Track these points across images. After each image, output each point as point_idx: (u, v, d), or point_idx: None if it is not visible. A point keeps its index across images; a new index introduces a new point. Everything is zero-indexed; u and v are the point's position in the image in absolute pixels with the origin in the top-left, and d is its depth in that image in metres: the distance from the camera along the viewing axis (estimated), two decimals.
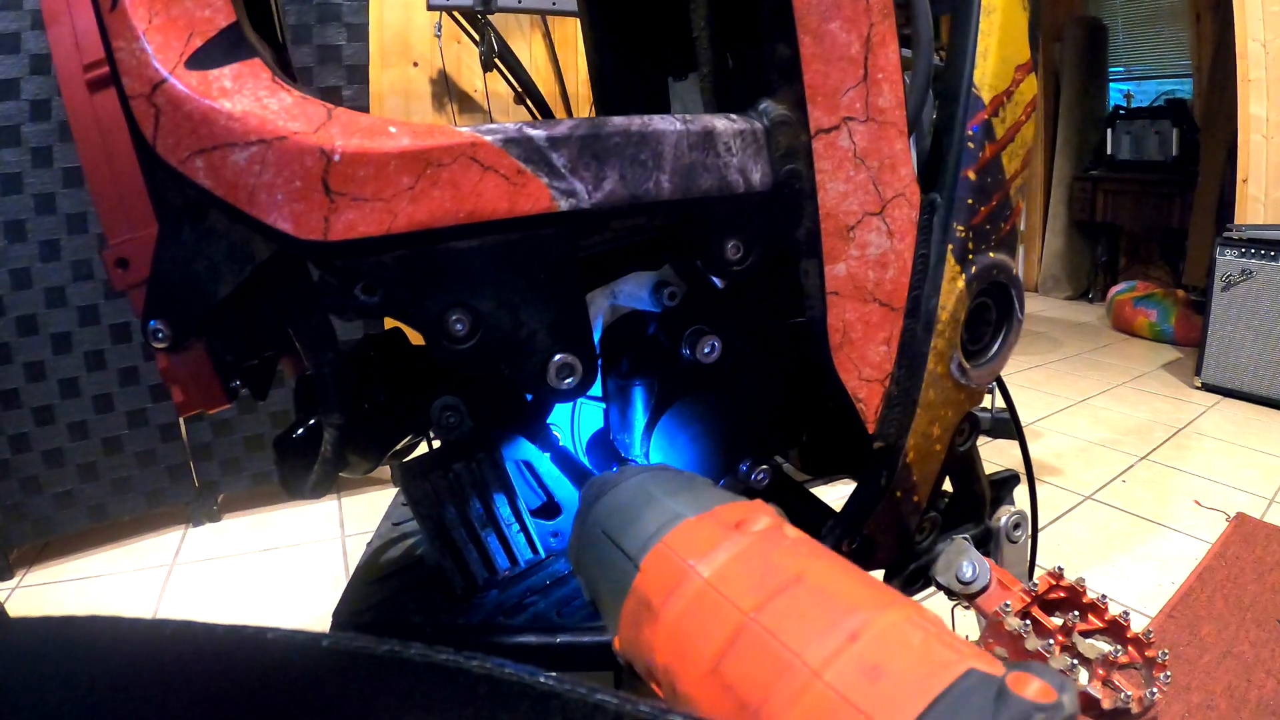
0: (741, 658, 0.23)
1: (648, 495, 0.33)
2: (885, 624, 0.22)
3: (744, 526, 0.29)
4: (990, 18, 0.48)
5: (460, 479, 0.39)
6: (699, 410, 0.46)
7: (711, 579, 0.26)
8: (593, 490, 0.36)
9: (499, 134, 0.33)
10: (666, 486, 0.34)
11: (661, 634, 0.26)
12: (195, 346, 0.37)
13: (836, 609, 0.23)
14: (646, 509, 0.32)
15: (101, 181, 0.36)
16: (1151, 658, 0.48)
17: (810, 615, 0.23)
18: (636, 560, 0.30)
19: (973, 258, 0.48)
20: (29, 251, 1.41)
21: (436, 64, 2.49)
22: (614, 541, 0.32)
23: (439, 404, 0.41)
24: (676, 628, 0.26)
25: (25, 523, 1.49)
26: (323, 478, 0.40)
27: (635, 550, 0.30)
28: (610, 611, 0.31)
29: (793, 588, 0.24)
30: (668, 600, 0.27)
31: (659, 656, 0.26)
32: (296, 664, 0.16)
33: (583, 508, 0.36)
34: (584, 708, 0.15)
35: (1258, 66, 2.49)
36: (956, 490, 0.56)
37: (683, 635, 0.25)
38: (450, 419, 0.41)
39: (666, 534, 0.30)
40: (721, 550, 0.27)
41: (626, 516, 0.33)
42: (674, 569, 0.28)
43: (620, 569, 0.30)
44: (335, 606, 0.51)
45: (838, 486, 0.63)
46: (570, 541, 0.37)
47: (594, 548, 0.33)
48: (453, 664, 0.16)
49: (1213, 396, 2.51)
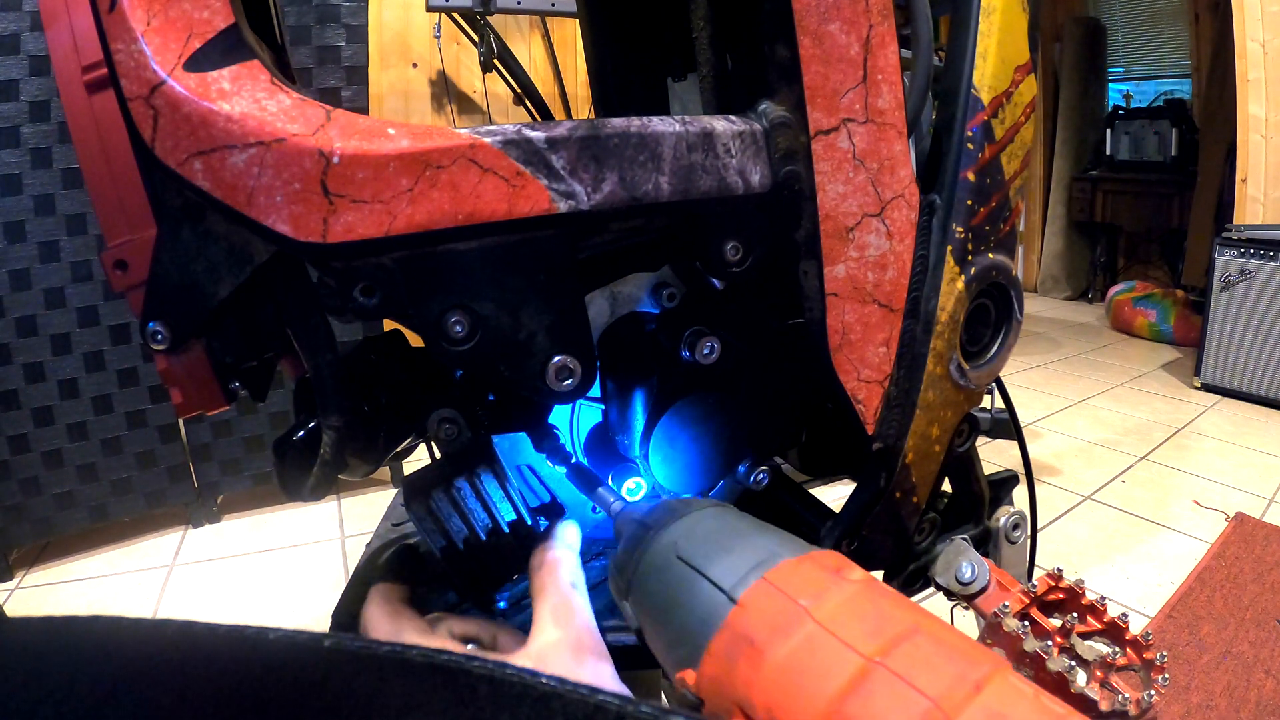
0: (870, 699, 0.23)
1: (735, 528, 0.33)
2: (1003, 677, 0.23)
3: (841, 572, 0.29)
4: (990, 19, 0.48)
5: (463, 493, 0.39)
6: (698, 411, 0.46)
7: (825, 620, 0.26)
8: (660, 515, 0.35)
9: (498, 136, 0.33)
10: (750, 522, 0.34)
11: (767, 673, 0.26)
12: (194, 348, 0.37)
13: (956, 659, 0.24)
14: (739, 541, 0.31)
15: (100, 183, 0.36)
16: (1150, 660, 0.48)
17: (934, 663, 0.23)
18: (733, 593, 0.29)
19: (972, 259, 0.48)
20: (28, 252, 1.41)
21: (435, 65, 2.50)
22: (699, 570, 0.31)
23: (436, 416, 0.40)
24: (787, 667, 0.25)
25: (25, 523, 1.49)
26: (322, 480, 0.40)
27: (730, 583, 0.29)
28: (683, 642, 0.30)
29: (913, 636, 0.25)
30: (775, 638, 0.26)
31: (759, 695, 0.25)
32: (298, 664, 0.16)
33: (642, 531, 0.35)
34: (585, 708, 0.15)
35: (1256, 67, 2.49)
36: (956, 491, 0.56)
37: (795, 675, 0.25)
38: (448, 431, 0.40)
39: (768, 571, 0.29)
40: (831, 593, 0.27)
41: (715, 546, 0.31)
42: (783, 607, 0.27)
43: (707, 600, 0.29)
44: (335, 607, 0.51)
45: (837, 487, 0.63)
46: (621, 562, 0.36)
47: (665, 573, 0.32)
48: (454, 664, 0.16)
49: (1212, 396, 2.51)
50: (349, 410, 0.37)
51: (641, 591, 0.33)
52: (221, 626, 0.17)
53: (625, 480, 0.47)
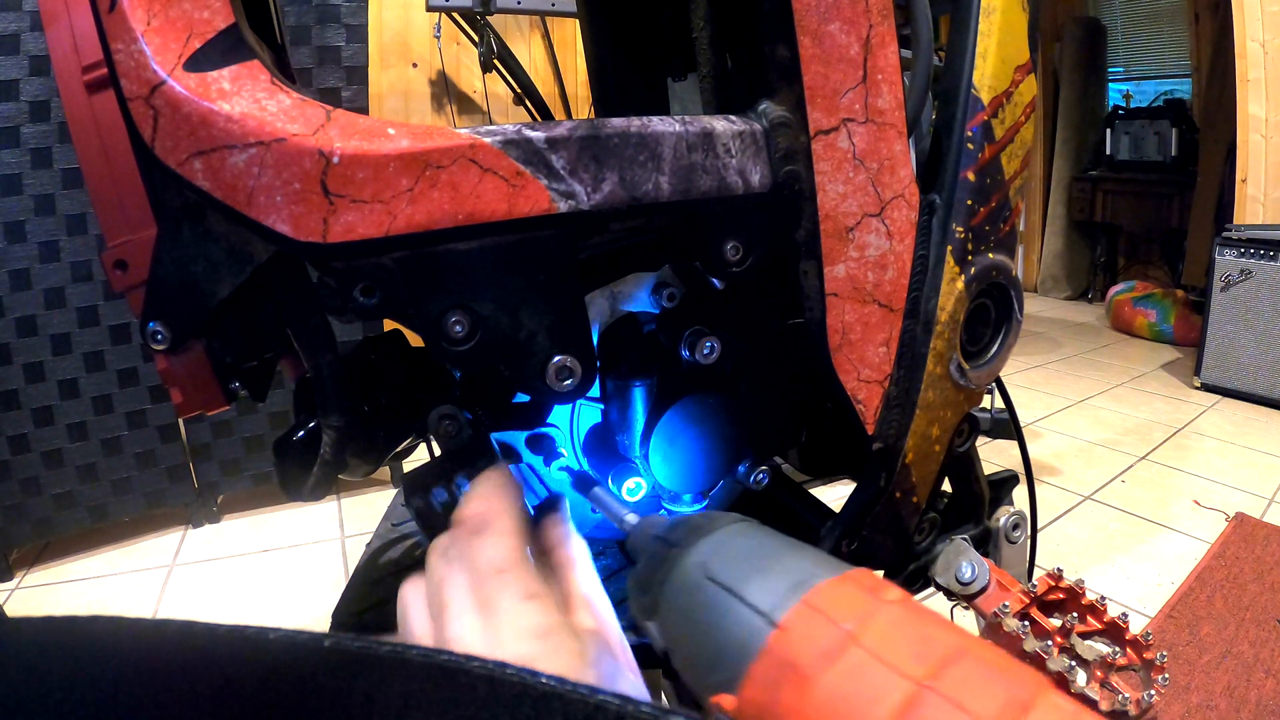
0: None
1: (767, 546, 0.32)
2: (1046, 697, 0.23)
3: (879, 592, 0.28)
4: (990, 19, 0.48)
5: (463, 489, 0.38)
6: (698, 411, 0.46)
7: (871, 645, 0.26)
8: (684, 532, 0.34)
9: (498, 135, 0.33)
10: (780, 539, 0.33)
11: (815, 700, 0.25)
12: (194, 348, 0.37)
13: (1003, 680, 0.24)
14: (773, 561, 0.31)
15: (100, 183, 0.36)
16: (1150, 660, 0.48)
17: (983, 685, 0.24)
18: (772, 616, 0.28)
19: (972, 259, 0.48)
20: (29, 252, 1.41)
21: (435, 65, 2.50)
22: (732, 592, 0.30)
23: (436, 413, 0.40)
24: (836, 693, 0.25)
25: (25, 524, 1.49)
26: (321, 480, 0.40)
27: (769, 606, 0.29)
28: (718, 667, 0.29)
29: (960, 658, 0.25)
30: (822, 664, 0.26)
31: None
32: (299, 664, 0.16)
33: (665, 549, 0.34)
34: (585, 708, 0.15)
35: (1257, 66, 2.49)
36: (956, 491, 0.56)
37: (844, 701, 0.25)
38: (449, 427, 0.40)
39: (806, 593, 0.28)
40: (875, 616, 0.27)
41: (749, 566, 0.31)
42: (827, 631, 0.27)
43: (744, 624, 0.29)
44: (335, 607, 0.51)
45: (837, 487, 0.63)
46: (644, 581, 0.34)
47: (697, 595, 0.31)
48: (454, 664, 0.16)
49: (1212, 396, 2.51)
50: (349, 410, 0.37)
51: (670, 612, 0.32)
52: (221, 626, 0.17)
53: (625, 480, 0.47)
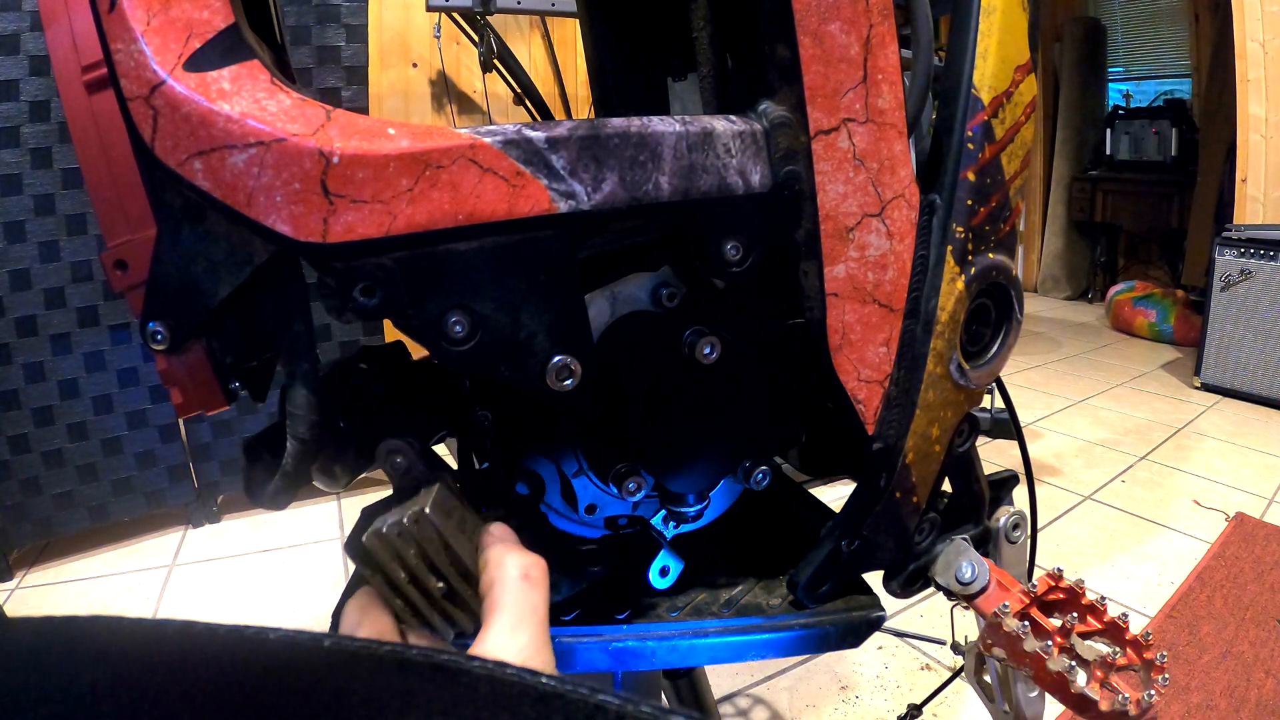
0: None
1: None
2: None
3: None
4: (990, 19, 0.48)
5: (405, 535, 0.34)
6: (698, 411, 0.46)
7: None
8: None
9: (498, 135, 0.33)
10: None
11: None
12: (194, 348, 0.37)
13: None
14: None
15: (100, 183, 0.36)
16: (1150, 660, 0.48)
17: None
18: None
19: (972, 259, 0.48)
20: (29, 252, 1.41)
21: (436, 65, 2.50)
22: None
23: (384, 446, 0.37)
24: None
25: (25, 523, 1.49)
26: (283, 490, 0.38)
27: None
28: None
29: None
30: None
31: None
32: (299, 664, 0.16)
33: None
34: (585, 708, 0.15)
35: (1256, 66, 2.49)
36: (955, 491, 0.56)
37: None
38: (399, 463, 0.37)
39: None
40: None
41: None
42: None
43: None
44: (335, 607, 0.51)
45: (837, 487, 0.63)
46: None
47: None
48: (454, 664, 0.16)
49: (1212, 396, 2.51)
50: (316, 424, 0.36)
51: None
52: (221, 627, 0.17)
53: (625, 480, 0.47)
